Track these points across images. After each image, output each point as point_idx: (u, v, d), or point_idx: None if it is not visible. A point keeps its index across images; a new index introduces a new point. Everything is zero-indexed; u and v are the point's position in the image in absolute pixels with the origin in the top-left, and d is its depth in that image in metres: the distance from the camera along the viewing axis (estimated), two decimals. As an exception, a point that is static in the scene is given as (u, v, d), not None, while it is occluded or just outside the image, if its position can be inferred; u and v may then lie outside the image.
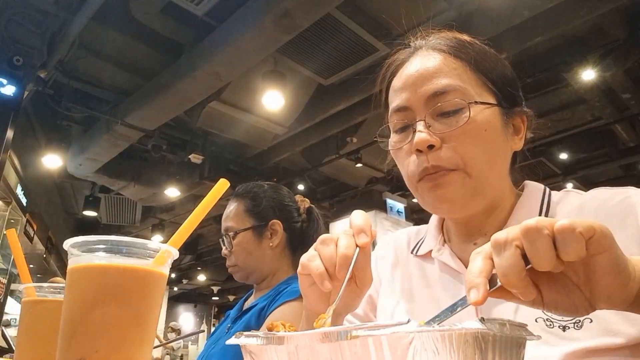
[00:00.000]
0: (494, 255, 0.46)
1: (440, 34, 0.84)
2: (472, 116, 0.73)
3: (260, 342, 0.46)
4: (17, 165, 5.74)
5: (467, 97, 0.75)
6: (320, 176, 7.72)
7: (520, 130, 0.83)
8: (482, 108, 0.75)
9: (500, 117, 0.78)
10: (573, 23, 3.93)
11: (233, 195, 1.56)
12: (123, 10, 4.24)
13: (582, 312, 0.47)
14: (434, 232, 0.89)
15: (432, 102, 0.76)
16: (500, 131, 0.77)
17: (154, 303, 0.55)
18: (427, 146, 0.74)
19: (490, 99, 0.78)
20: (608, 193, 0.74)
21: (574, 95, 5.23)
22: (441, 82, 0.76)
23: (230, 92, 5.18)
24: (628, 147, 6.22)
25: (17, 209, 6.08)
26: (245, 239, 1.45)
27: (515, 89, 0.83)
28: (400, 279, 0.90)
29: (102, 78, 5.28)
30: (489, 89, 0.78)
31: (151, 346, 0.54)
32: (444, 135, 0.74)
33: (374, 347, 0.38)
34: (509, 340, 0.39)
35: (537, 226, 0.43)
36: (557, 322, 0.65)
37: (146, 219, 8.93)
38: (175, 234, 0.59)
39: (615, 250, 0.45)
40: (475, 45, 0.82)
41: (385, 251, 0.98)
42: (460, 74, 0.77)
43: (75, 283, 0.53)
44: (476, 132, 0.74)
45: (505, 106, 0.79)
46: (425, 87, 0.77)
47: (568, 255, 0.43)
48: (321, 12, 3.73)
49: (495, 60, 0.82)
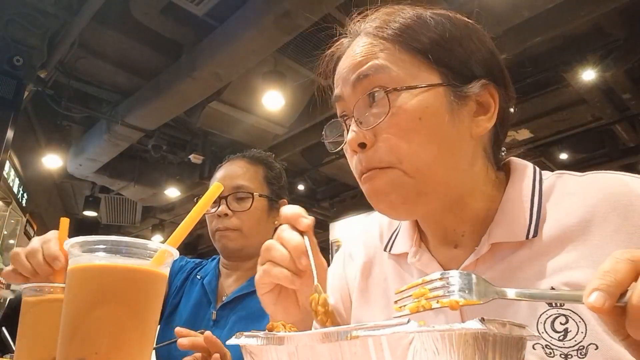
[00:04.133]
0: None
1: (374, 14, 0.73)
2: (398, 105, 0.63)
3: (260, 343, 0.46)
4: (17, 165, 5.75)
5: (395, 81, 0.64)
6: (320, 176, 7.71)
7: (490, 108, 0.68)
8: (417, 92, 0.64)
9: (446, 98, 0.65)
10: (573, 23, 3.93)
11: (245, 157, 1.43)
12: (123, 11, 4.24)
13: None
14: (408, 228, 0.78)
15: (358, 91, 0.67)
16: (446, 116, 0.64)
17: (154, 303, 0.55)
18: (359, 145, 0.66)
19: (432, 78, 0.65)
20: (607, 177, 0.66)
21: (574, 95, 5.23)
22: (364, 68, 0.67)
23: (230, 93, 5.18)
24: (628, 147, 6.21)
25: (17, 209, 6.08)
26: (260, 206, 1.32)
27: (472, 57, 0.68)
28: (376, 286, 0.80)
29: (102, 78, 5.28)
30: (430, 68, 0.66)
31: (151, 346, 0.54)
32: (374, 130, 0.65)
33: (373, 348, 0.38)
34: (509, 341, 0.39)
35: None
36: (558, 349, 0.58)
37: (146, 219, 8.93)
38: (171, 237, 0.59)
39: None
40: (408, 16, 0.69)
41: (355, 248, 0.87)
42: (387, 55, 0.66)
43: (75, 283, 0.53)
44: (407, 122, 0.63)
45: (456, 84, 0.66)
46: (352, 74, 0.68)
47: None
48: (321, 12, 3.73)
49: (442, 31, 0.67)
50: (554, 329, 0.59)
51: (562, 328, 0.58)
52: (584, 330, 0.57)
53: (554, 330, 0.59)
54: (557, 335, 0.58)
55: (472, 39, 0.70)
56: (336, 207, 7.74)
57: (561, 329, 0.58)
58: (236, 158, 1.44)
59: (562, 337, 0.58)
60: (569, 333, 0.58)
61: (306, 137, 6.02)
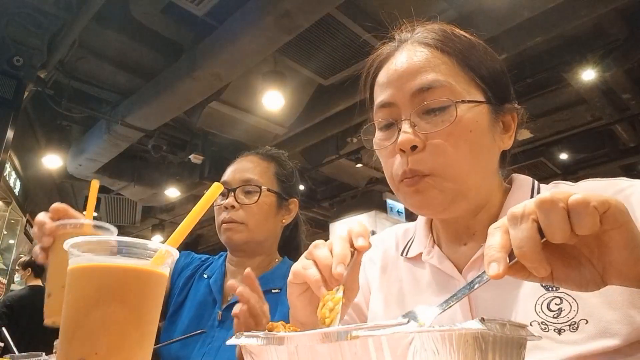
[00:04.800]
0: (511, 229, 0.46)
1: (427, 27, 0.81)
2: (458, 116, 0.70)
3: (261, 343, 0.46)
4: (17, 165, 5.74)
5: (454, 94, 0.71)
6: (320, 176, 7.71)
7: (510, 128, 0.78)
8: (470, 107, 0.72)
9: (489, 115, 0.74)
10: (573, 23, 3.93)
11: (257, 153, 1.43)
12: (123, 11, 4.24)
13: (592, 286, 0.48)
14: (423, 232, 0.86)
15: (418, 99, 0.73)
16: (487, 130, 0.73)
17: (154, 303, 0.54)
18: (411, 147, 0.71)
19: (479, 96, 0.74)
20: (600, 185, 0.72)
21: (574, 95, 5.23)
22: (427, 78, 0.72)
23: (231, 93, 5.17)
24: (628, 148, 6.21)
25: (17, 209, 6.08)
26: (268, 201, 1.30)
27: (506, 84, 0.79)
28: (391, 284, 0.87)
29: (102, 78, 5.28)
30: (477, 85, 0.74)
31: (151, 346, 0.54)
32: (428, 135, 0.71)
33: (374, 348, 0.38)
34: (509, 341, 0.39)
35: (552, 199, 0.44)
36: (552, 325, 0.64)
37: (146, 219, 8.93)
38: (171, 237, 0.59)
39: (630, 225, 0.45)
40: (463, 38, 0.78)
41: (374, 253, 0.94)
42: (448, 69, 0.73)
43: (75, 283, 0.53)
44: (461, 133, 0.71)
45: (494, 103, 0.75)
46: (411, 82, 0.73)
47: (582, 229, 0.43)
48: (321, 12, 3.73)
49: (484, 53, 0.78)
50: (549, 309, 0.65)
51: (557, 307, 0.65)
52: (576, 309, 0.63)
53: (549, 310, 0.65)
54: (552, 314, 0.65)
55: (501, 65, 0.80)
56: (336, 207, 7.74)
57: (556, 309, 0.65)
58: (249, 154, 1.44)
59: (557, 315, 0.64)
60: (563, 311, 0.64)
61: (306, 137, 6.02)
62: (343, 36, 4.31)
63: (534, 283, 0.66)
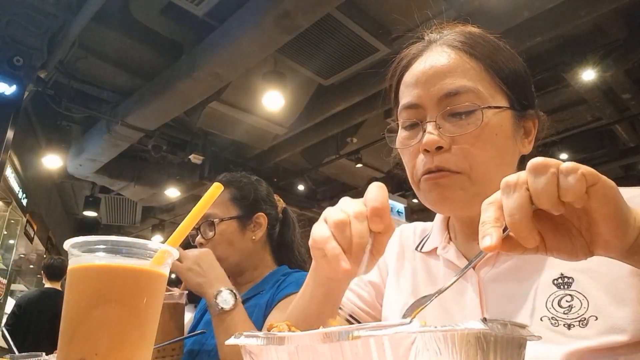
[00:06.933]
0: (504, 197, 0.47)
1: (455, 29, 0.82)
2: (484, 121, 0.72)
3: (260, 343, 0.46)
4: (17, 165, 5.74)
5: (481, 99, 0.73)
6: (320, 176, 7.71)
7: (531, 133, 0.80)
8: (495, 112, 0.73)
9: (512, 120, 0.76)
10: (573, 23, 3.93)
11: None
12: (123, 11, 4.24)
13: (581, 256, 0.49)
14: (440, 229, 0.88)
15: (445, 102, 0.74)
16: (511, 135, 0.75)
17: (153, 303, 0.54)
18: (436, 148, 0.73)
19: (503, 101, 0.75)
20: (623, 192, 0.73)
21: (574, 95, 5.23)
22: (455, 83, 0.74)
23: (231, 93, 5.18)
24: (628, 148, 6.21)
25: (17, 209, 6.08)
26: (228, 229, 1.39)
27: (528, 89, 0.80)
28: (406, 274, 0.89)
29: (102, 78, 5.28)
30: (502, 91, 0.76)
31: (151, 346, 0.54)
32: (454, 138, 0.73)
33: (375, 348, 0.38)
34: (510, 341, 0.39)
35: (545, 163, 0.45)
36: (562, 320, 0.65)
37: (146, 220, 8.94)
38: (171, 238, 0.59)
39: (618, 201, 0.46)
40: (490, 41, 0.79)
41: (392, 240, 0.95)
42: (475, 74, 0.75)
43: (75, 283, 0.53)
44: (487, 137, 0.72)
45: (517, 109, 0.77)
46: (438, 85, 0.74)
47: (567, 194, 0.44)
48: (321, 12, 3.73)
49: (510, 58, 0.79)
50: (560, 306, 0.67)
51: (568, 305, 0.66)
52: (586, 306, 0.65)
53: (560, 307, 0.67)
54: (562, 310, 0.66)
55: (527, 73, 0.82)
56: (336, 207, 7.72)
57: (566, 305, 0.66)
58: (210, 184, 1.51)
59: (567, 312, 0.66)
60: (573, 308, 0.65)
61: (306, 137, 6.02)
62: (343, 36, 4.31)
63: (546, 281, 0.68)
